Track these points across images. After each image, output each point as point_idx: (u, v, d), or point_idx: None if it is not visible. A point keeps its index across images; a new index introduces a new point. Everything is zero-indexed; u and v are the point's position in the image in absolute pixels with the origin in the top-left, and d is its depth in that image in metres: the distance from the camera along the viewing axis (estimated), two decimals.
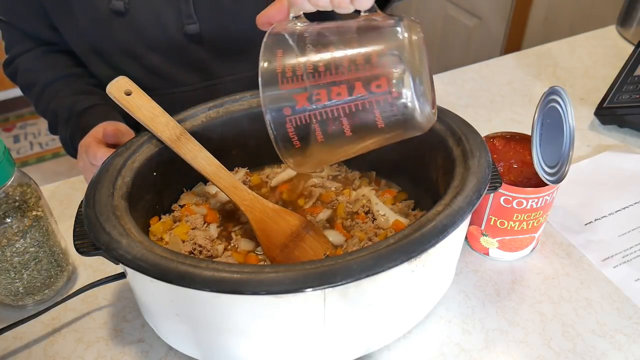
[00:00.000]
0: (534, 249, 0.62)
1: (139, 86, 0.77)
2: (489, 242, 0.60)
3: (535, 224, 0.57)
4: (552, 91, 0.53)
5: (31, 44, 0.79)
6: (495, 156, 0.58)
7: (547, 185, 0.54)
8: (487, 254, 0.61)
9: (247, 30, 0.75)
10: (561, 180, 0.54)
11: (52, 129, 0.78)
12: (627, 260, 0.61)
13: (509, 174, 0.57)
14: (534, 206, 0.55)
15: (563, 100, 0.54)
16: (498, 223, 0.57)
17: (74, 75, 0.78)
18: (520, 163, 0.58)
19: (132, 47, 0.74)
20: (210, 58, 0.77)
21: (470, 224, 0.60)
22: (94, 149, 0.58)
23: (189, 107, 0.57)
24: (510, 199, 0.54)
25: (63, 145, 0.77)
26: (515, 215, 0.56)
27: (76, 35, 0.75)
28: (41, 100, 0.77)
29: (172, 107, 0.56)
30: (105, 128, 0.60)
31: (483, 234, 0.59)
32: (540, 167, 0.53)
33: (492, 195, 0.55)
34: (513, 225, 0.57)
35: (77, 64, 0.80)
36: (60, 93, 0.75)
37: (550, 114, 0.54)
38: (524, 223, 0.56)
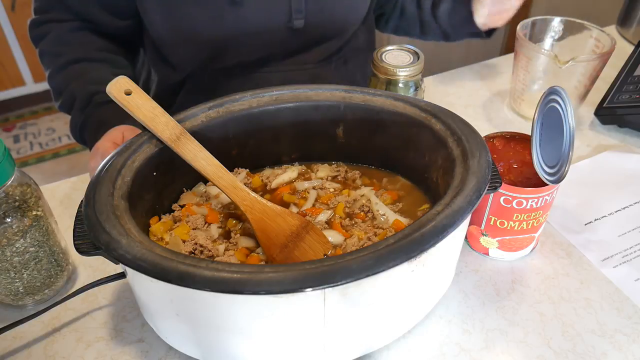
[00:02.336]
0: (533, 248, 0.62)
1: (226, 69, 0.82)
2: (489, 242, 0.60)
3: (535, 224, 0.57)
4: (552, 91, 0.53)
5: (69, 15, 0.78)
6: (495, 156, 0.59)
7: (546, 185, 0.54)
8: (487, 253, 0.61)
9: (343, 22, 0.82)
10: (561, 180, 0.54)
11: (65, 109, 0.77)
12: (627, 260, 0.61)
13: (509, 173, 0.57)
14: (534, 206, 0.55)
15: (563, 100, 0.54)
16: (498, 223, 0.57)
17: (103, 60, 0.78)
18: (520, 163, 0.58)
19: (236, 35, 0.76)
20: (299, 48, 0.81)
21: (470, 223, 0.60)
22: None
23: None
24: (510, 198, 0.54)
25: (71, 130, 0.77)
26: (515, 215, 0.56)
27: (177, 20, 0.75)
28: (60, 74, 0.76)
29: (249, 88, 0.59)
30: (126, 137, 0.61)
31: (483, 234, 0.59)
32: (540, 167, 0.53)
33: (492, 195, 0.55)
34: (513, 225, 0.57)
35: (110, 50, 0.80)
36: (84, 76, 0.75)
37: (550, 114, 0.54)
38: (524, 223, 0.56)
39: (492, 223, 0.57)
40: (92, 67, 0.76)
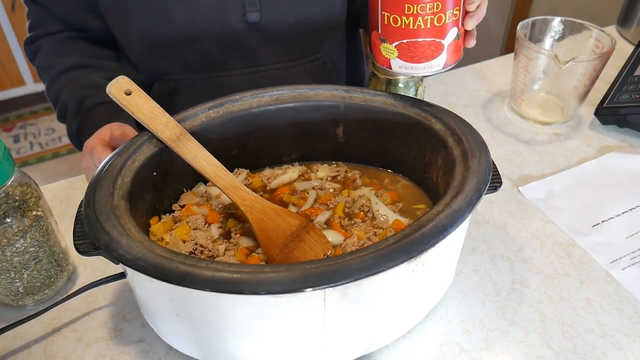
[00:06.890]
0: (447, 65, 0.55)
1: (188, 70, 0.80)
2: (389, 51, 0.54)
3: (436, 23, 0.51)
4: None
5: (58, 26, 0.79)
6: None
7: None
8: (390, 67, 0.55)
9: (303, 20, 0.78)
10: None
11: (61, 118, 0.78)
12: (636, 262, 0.60)
13: None
14: None
15: None
16: (391, 20, 0.51)
17: (91, 66, 0.78)
18: None
19: (189, 30, 0.75)
20: (261, 46, 0.79)
21: (371, 29, 0.55)
22: (100, 153, 0.58)
23: (234, 91, 0.58)
24: None
25: (69, 137, 0.78)
26: (407, 6, 0.50)
27: (128, 19, 0.75)
28: (54, 85, 0.77)
29: (217, 91, 0.57)
30: (113, 132, 0.61)
31: (381, 40, 0.54)
32: None
33: None
34: (407, 21, 0.51)
35: (99, 55, 0.80)
36: (74, 83, 0.75)
37: None
38: (419, 19, 0.50)
39: (386, 22, 0.52)
40: (81, 74, 0.77)
